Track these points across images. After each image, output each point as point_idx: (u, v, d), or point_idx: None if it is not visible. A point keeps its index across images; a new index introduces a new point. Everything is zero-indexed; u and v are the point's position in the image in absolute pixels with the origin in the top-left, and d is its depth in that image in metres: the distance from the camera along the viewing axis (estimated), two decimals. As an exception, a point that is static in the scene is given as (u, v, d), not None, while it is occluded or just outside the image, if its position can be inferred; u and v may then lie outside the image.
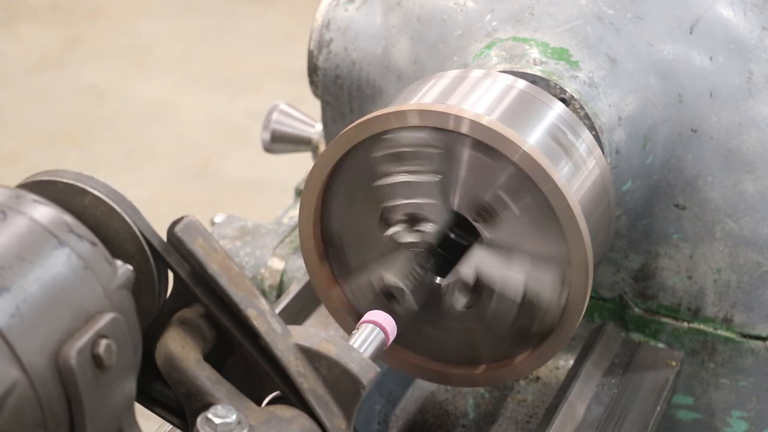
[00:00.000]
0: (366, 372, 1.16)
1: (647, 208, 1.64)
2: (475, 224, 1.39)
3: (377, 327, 1.30)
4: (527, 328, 1.41)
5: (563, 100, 1.51)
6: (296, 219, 1.50)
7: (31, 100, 4.62)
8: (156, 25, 5.13)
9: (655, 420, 1.53)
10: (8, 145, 4.36)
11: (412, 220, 1.40)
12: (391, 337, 1.31)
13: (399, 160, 1.38)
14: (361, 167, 1.40)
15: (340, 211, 1.45)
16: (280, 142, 2.12)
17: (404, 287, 1.39)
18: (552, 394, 1.59)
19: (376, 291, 1.42)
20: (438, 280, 1.43)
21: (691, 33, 1.58)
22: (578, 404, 1.52)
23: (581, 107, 1.53)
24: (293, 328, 1.17)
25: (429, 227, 1.39)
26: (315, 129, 2.09)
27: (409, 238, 1.40)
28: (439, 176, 1.37)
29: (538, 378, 1.67)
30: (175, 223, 1.13)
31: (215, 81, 4.75)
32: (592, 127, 1.53)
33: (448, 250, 1.45)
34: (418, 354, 1.49)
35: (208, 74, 4.80)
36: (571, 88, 1.53)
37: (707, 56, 1.58)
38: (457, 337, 1.46)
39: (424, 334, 1.46)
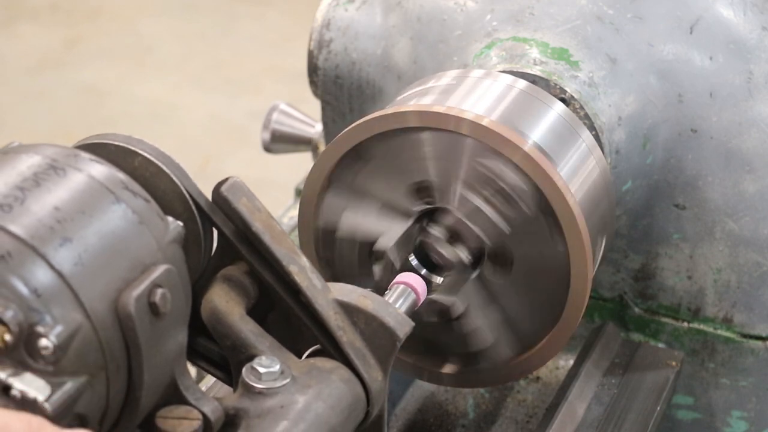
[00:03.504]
0: (402, 326, 1.22)
1: (647, 208, 1.64)
2: (427, 206, 1.40)
3: (409, 287, 1.34)
4: (524, 213, 1.39)
5: (563, 100, 1.51)
6: (296, 219, 1.50)
7: (31, 100, 4.62)
8: (156, 25, 5.13)
9: (655, 420, 1.53)
10: (8, 145, 4.36)
11: (453, 235, 1.42)
12: (422, 298, 1.35)
13: (491, 187, 1.38)
14: (457, 145, 1.40)
15: (339, 210, 1.45)
16: (280, 142, 2.12)
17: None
18: (552, 394, 1.59)
19: (367, 245, 1.44)
20: (438, 279, 1.43)
21: (691, 33, 1.58)
22: (578, 404, 1.52)
23: (581, 107, 1.53)
24: (332, 285, 1.22)
25: (464, 255, 1.41)
26: (315, 129, 2.09)
27: (443, 250, 1.42)
28: (510, 229, 1.38)
29: (538, 378, 1.67)
30: (220, 183, 1.18)
31: (215, 81, 4.75)
32: (592, 127, 1.53)
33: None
34: (417, 354, 1.49)
35: (208, 74, 4.80)
36: (571, 88, 1.54)
37: (707, 56, 1.58)
38: (456, 337, 1.46)
39: (423, 333, 1.46)
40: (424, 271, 1.42)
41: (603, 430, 1.49)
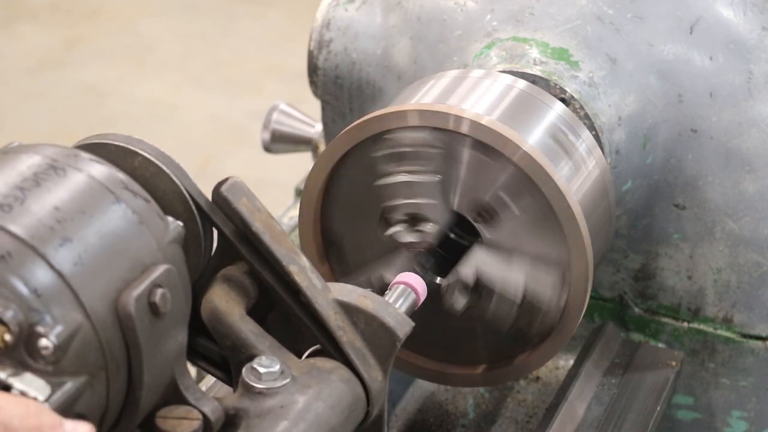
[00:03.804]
0: (402, 326, 1.22)
1: (647, 208, 1.63)
2: (476, 224, 1.39)
3: (409, 287, 1.34)
4: (527, 328, 1.41)
5: (563, 100, 1.51)
6: (296, 219, 1.50)
7: (31, 100, 4.62)
8: (156, 25, 5.12)
9: (655, 420, 1.53)
10: (8, 145, 4.36)
11: (413, 220, 1.40)
12: (422, 298, 1.35)
13: (399, 160, 1.38)
14: (362, 166, 1.41)
15: (341, 210, 1.45)
16: (280, 142, 2.12)
17: None
18: (552, 394, 1.59)
19: (375, 290, 1.42)
20: (438, 280, 1.43)
21: (691, 33, 1.58)
22: (578, 404, 1.52)
23: (581, 107, 1.53)
24: (332, 285, 1.23)
25: (429, 227, 1.39)
26: (315, 129, 2.09)
27: (410, 237, 1.40)
28: (439, 176, 1.37)
29: (538, 378, 1.67)
30: (220, 183, 1.19)
31: (215, 81, 4.75)
32: (592, 127, 1.53)
33: (448, 250, 1.45)
34: (418, 354, 1.49)
35: (208, 74, 4.80)
36: (571, 88, 1.54)
37: (707, 56, 1.58)
38: (457, 337, 1.46)
39: (424, 334, 1.46)
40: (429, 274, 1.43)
41: (603, 430, 1.49)
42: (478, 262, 1.39)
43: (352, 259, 1.47)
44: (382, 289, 1.41)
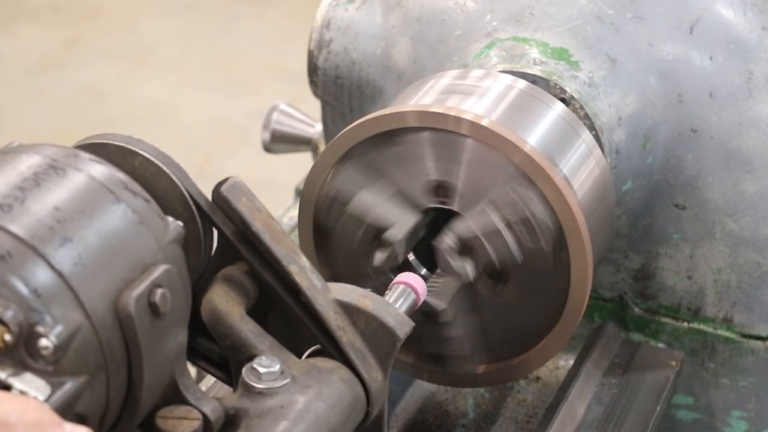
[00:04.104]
0: (402, 326, 1.22)
1: (647, 208, 1.64)
2: (441, 205, 1.40)
3: (408, 287, 1.34)
4: (539, 247, 1.39)
5: (563, 100, 1.51)
6: (296, 219, 1.50)
7: (31, 100, 4.62)
8: (156, 25, 5.12)
9: (655, 420, 1.53)
10: (8, 145, 4.36)
11: (379, 237, 1.41)
12: (422, 298, 1.35)
13: (334, 209, 1.40)
14: (362, 167, 1.41)
15: (353, 185, 1.44)
16: (280, 142, 2.12)
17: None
18: (552, 394, 1.59)
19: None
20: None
21: (691, 33, 1.58)
22: (578, 404, 1.52)
23: (581, 107, 1.53)
24: (332, 285, 1.23)
25: (390, 232, 1.40)
26: (315, 129, 2.09)
27: (381, 255, 1.41)
28: (367, 189, 1.39)
29: (538, 378, 1.67)
30: (220, 183, 1.19)
31: (215, 81, 4.75)
32: (592, 127, 1.53)
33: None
34: (417, 354, 1.49)
35: (208, 74, 4.80)
36: (571, 88, 1.54)
37: (707, 56, 1.58)
38: (457, 336, 1.46)
39: (423, 334, 1.46)
40: (423, 271, 1.42)
41: (603, 430, 1.49)
42: (452, 227, 1.39)
43: (343, 262, 1.47)
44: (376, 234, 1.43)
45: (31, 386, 0.96)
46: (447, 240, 1.40)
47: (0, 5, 5.22)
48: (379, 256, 1.42)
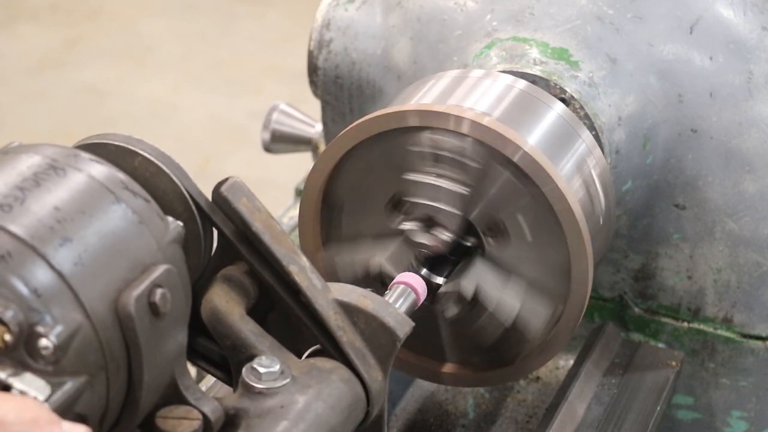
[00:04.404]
0: (402, 326, 1.22)
1: (647, 208, 1.64)
2: (484, 237, 1.39)
3: (408, 287, 1.34)
4: (503, 347, 1.42)
5: (563, 100, 1.51)
6: (296, 219, 1.50)
7: (31, 100, 4.62)
8: (156, 25, 5.12)
9: (655, 420, 1.53)
10: (8, 145, 4.35)
11: (429, 222, 1.40)
12: (422, 298, 1.35)
13: (435, 161, 1.38)
14: (393, 147, 1.40)
15: (351, 179, 1.43)
16: (280, 142, 2.12)
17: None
18: (552, 394, 1.59)
19: (369, 273, 1.43)
20: (434, 278, 1.42)
21: (691, 33, 1.58)
22: (578, 404, 1.52)
23: (581, 107, 1.53)
24: (332, 285, 1.23)
25: (444, 235, 1.39)
26: (315, 129, 2.09)
27: (422, 239, 1.40)
28: (468, 190, 1.37)
29: (538, 378, 1.67)
30: (220, 183, 1.19)
31: (215, 81, 4.75)
32: (592, 127, 1.53)
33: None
34: (417, 354, 1.49)
35: (208, 74, 4.80)
36: (571, 88, 1.54)
37: (707, 56, 1.58)
38: (456, 336, 1.46)
39: (422, 333, 1.46)
40: (423, 271, 1.42)
41: (603, 430, 1.49)
42: (479, 278, 1.39)
43: (345, 227, 1.47)
44: (375, 276, 1.42)
45: (31, 386, 0.96)
46: (468, 289, 1.40)
47: (0, 5, 5.22)
48: (421, 237, 1.40)
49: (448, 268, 1.42)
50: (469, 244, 1.41)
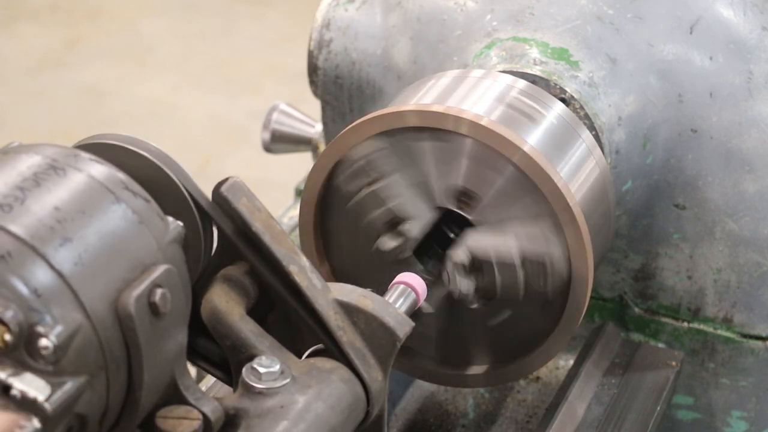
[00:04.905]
0: (402, 326, 1.22)
1: (647, 208, 1.64)
2: (459, 211, 1.39)
3: (408, 287, 1.34)
4: (543, 291, 1.39)
5: (563, 100, 1.51)
6: (296, 219, 1.50)
7: (31, 100, 4.62)
8: (156, 25, 5.12)
9: (655, 420, 1.53)
10: (8, 145, 4.36)
11: (394, 225, 1.41)
12: (422, 298, 1.35)
13: (359, 177, 1.39)
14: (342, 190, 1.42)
15: (340, 210, 1.45)
16: (280, 142, 2.12)
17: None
18: (552, 394, 1.59)
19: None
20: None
21: (691, 33, 1.58)
22: (578, 404, 1.52)
23: (581, 107, 1.53)
24: (332, 285, 1.23)
25: (408, 225, 1.40)
26: (315, 129, 2.09)
27: (391, 242, 1.41)
28: (398, 173, 1.38)
29: (538, 378, 1.67)
30: (220, 183, 1.18)
31: (215, 81, 4.75)
32: (592, 127, 1.53)
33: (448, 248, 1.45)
34: (417, 354, 1.49)
35: (208, 74, 4.80)
36: (571, 88, 1.54)
37: (707, 56, 1.58)
38: (457, 337, 1.46)
39: (425, 335, 1.46)
40: (420, 267, 1.42)
41: (603, 430, 1.49)
42: (468, 242, 1.39)
43: (347, 263, 1.47)
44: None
45: (31, 386, 0.96)
46: (461, 254, 1.39)
47: (0, 5, 5.22)
48: (389, 243, 1.42)
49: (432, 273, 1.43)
50: (452, 235, 1.42)
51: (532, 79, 1.52)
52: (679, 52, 1.58)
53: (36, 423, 0.96)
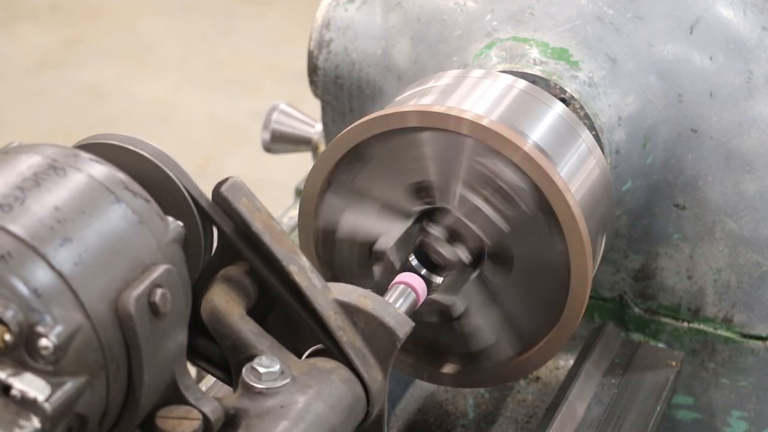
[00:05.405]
0: (402, 326, 1.22)
1: (647, 208, 1.64)
2: (487, 260, 1.40)
3: (408, 287, 1.34)
4: (519, 212, 1.39)
5: (563, 100, 1.51)
6: (296, 219, 1.50)
7: (31, 100, 4.62)
8: (156, 25, 5.12)
9: (655, 420, 1.53)
10: (8, 145, 4.36)
11: (454, 235, 1.42)
12: (422, 298, 1.35)
13: (490, 186, 1.39)
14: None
15: (339, 211, 1.45)
16: (280, 142, 2.12)
17: None
18: (552, 394, 1.59)
19: (369, 244, 1.43)
20: (438, 279, 1.43)
21: (691, 33, 1.58)
22: (578, 404, 1.52)
23: (581, 107, 1.53)
24: (332, 285, 1.23)
25: (464, 255, 1.41)
26: (315, 129, 2.09)
27: (444, 250, 1.42)
28: (509, 228, 1.38)
29: (538, 378, 1.67)
30: (220, 183, 1.19)
31: (215, 81, 4.75)
32: (592, 127, 1.53)
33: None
34: (417, 355, 1.49)
35: (208, 74, 4.80)
36: (571, 88, 1.54)
37: (707, 56, 1.58)
38: (457, 337, 1.46)
39: (424, 334, 1.46)
40: (424, 271, 1.42)
41: (603, 430, 1.49)
42: (470, 299, 1.41)
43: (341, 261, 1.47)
44: (377, 255, 1.43)
45: (31, 386, 0.96)
46: (433, 232, 1.41)
47: (0, 5, 5.22)
48: (377, 270, 1.42)
49: (440, 271, 1.43)
50: (466, 260, 1.42)
51: (532, 79, 1.52)
52: (679, 52, 1.58)
53: (36, 423, 0.96)
